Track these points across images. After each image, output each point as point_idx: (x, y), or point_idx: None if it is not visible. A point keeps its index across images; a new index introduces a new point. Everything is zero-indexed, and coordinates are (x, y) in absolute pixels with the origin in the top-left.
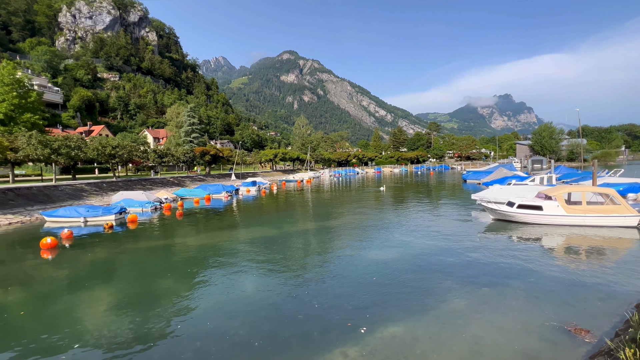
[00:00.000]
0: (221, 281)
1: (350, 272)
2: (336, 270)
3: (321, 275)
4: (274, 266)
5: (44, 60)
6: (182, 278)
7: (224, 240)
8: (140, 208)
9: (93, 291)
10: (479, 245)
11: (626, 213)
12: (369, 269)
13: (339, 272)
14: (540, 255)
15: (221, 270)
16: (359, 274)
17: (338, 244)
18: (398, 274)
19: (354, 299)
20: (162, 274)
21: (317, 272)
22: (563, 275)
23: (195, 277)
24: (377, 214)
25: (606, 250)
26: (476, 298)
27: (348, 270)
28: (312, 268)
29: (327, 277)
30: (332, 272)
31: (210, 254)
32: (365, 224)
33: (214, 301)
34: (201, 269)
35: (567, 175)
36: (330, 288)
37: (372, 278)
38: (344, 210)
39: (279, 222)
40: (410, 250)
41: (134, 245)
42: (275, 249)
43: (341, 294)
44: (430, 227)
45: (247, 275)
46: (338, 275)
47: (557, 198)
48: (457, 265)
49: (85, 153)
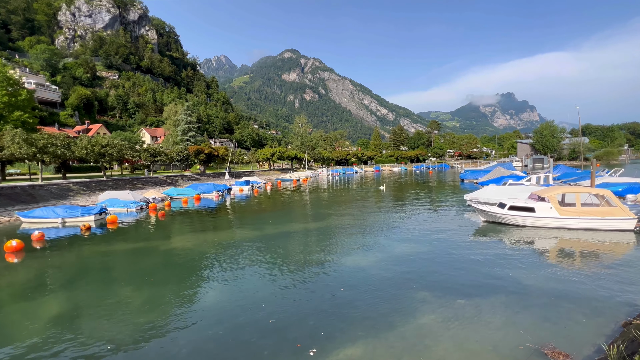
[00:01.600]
0: (177, 291)
1: (318, 282)
2: (302, 280)
3: (284, 285)
4: (238, 273)
5: (42, 58)
6: (142, 286)
7: (198, 243)
8: (125, 208)
9: (39, 301)
10: (465, 251)
11: (622, 216)
12: (340, 277)
13: (305, 282)
14: (528, 262)
15: (181, 278)
16: (328, 283)
17: (312, 249)
18: (371, 284)
19: (315, 314)
20: (123, 280)
21: (280, 281)
22: (549, 285)
23: (155, 286)
24: (364, 216)
25: (599, 256)
26: (450, 312)
27: (316, 279)
28: (276, 277)
29: (291, 288)
30: (298, 282)
31: (180, 259)
32: (349, 227)
33: (165, 315)
34: (165, 276)
35: (566, 174)
36: (291, 301)
37: (340, 289)
38: (332, 212)
39: (262, 223)
40: (390, 256)
41: (106, 247)
42: (246, 255)
43: (302, 308)
44: (418, 230)
45: (206, 286)
46: (303, 286)
47: (550, 199)
48: (437, 273)
49: (73, 152)
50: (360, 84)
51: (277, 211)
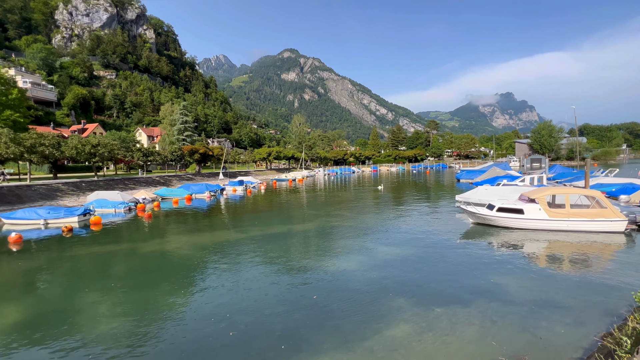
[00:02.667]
0: (141, 299)
1: (293, 289)
2: (276, 287)
3: (255, 293)
4: (209, 280)
5: (39, 58)
6: (108, 292)
7: (178, 246)
8: (113, 209)
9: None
10: (450, 255)
11: (613, 217)
12: (317, 284)
13: (279, 289)
14: (512, 267)
15: (150, 284)
16: (303, 290)
17: (292, 253)
18: (347, 290)
19: (284, 323)
20: (89, 286)
21: (252, 288)
22: (532, 292)
23: (120, 292)
24: (353, 217)
25: (586, 261)
26: (425, 322)
27: (291, 286)
28: (248, 283)
29: (262, 296)
30: (271, 289)
31: (154, 263)
32: (336, 229)
33: (119, 325)
34: (134, 281)
35: (562, 174)
36: (258, 309)
37: (312, 296)
38: (322, 213)
39: (248, 225)
40: (372, 260)
41: (85, 250)
42: (223, 259)
43: (268, 317)
44: (405, 233)
45: (172, 294)
46: (276, 294)
47: (539, 201)
48: (417, 279)
49: (62, 152)
50: (359, 84)
51: (265, 212)
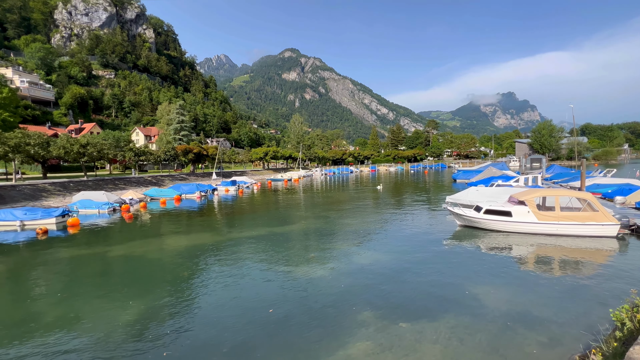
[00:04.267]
0: (88, 309)
1: (254, 300)
2: (234, 298)
3: (210, 303)
4: (169, 288)
5: (37, 57)
6: (54, 303)
7: (149, 250)
8: (97, 209)
9: None
10: (429, 261)
11: (604, 221)
12: (274, 295)
13: (237, 300)
14: (492, 275)
15: (105, 292)
16: (256, 301)
17: (264, 259)
18: (310, 301)
19: (233, 341)
20: (40, 294)
21: (208, 298)
22: (509, 305)
23: (66, 302)
24: (338, 219)
25: (574, 268)
26: (386, 339)
27: (252, 296)
28: (206, 292)
29: (217, 308)
30: (228, 301)
31: (120, 268)
32: (316, 231)
33: (66, 333)
34: (88, 289)
35: (560, 174)
36: (210, 326)
37: (268, 310)
38: (308, 214)
39: (229, 227)
40: (346, 267)
41: (54, 255)
42: (190, 265)
43: (219, 335)
44: (387, 236)
45: (124, 303)
46: (232, 306)
47: (528, 203)
48: (389, 289)
49: (49, 152)
50: (360, 84)
51: (251, 214)
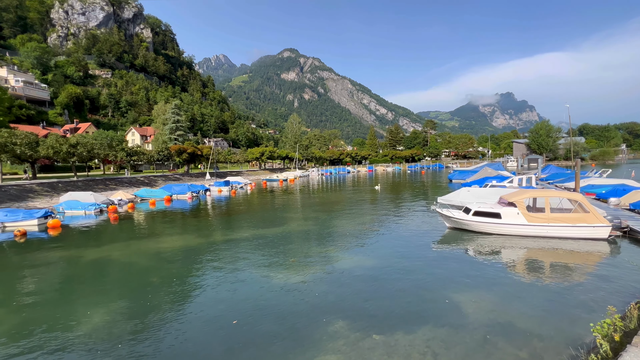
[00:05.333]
0: (47, 318)
1: (211, 309)
2: (194, 307)
3: (167, 312)
4: (133, 296)
5: (33, 56)
6: (10, 312)
7: (127, 253)
8: (83, 211)
9: None
10: (413, 267)
11: (595, 223)
12: (243, 303)
13: (194, 309)
14: (477, 281)
15: (68, 300)
16: (222, 311)
17: (242, 263)
18: (280, 311)
19: (183, 355)
20: (9, 301)
21: (173, 307)
22: (491, 314)
23: (24, 310)
24: (328, 221)
25: (561, 274)
26: (356, 353)
27: (209, 306)
28: (174, 300)
29: (171, 317)
30: (187, 309)
31: (91, 273)
32: (302, 233)
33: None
34: (54, 296)
35: (555, 175)
36: (155, 341)
37: (231, 321)
38: (298, 215)
39: (212, 229)
40: (323, 273)
41: (27, 258)
42: (163, 270)
43: (168, 348)
44: (373, 239)
45: (83, 311)
46: (188, 315)
47: (518, 204)
48: (365, 297)
49: (37, 151)
50: (359, 84)
51: (240, 215)
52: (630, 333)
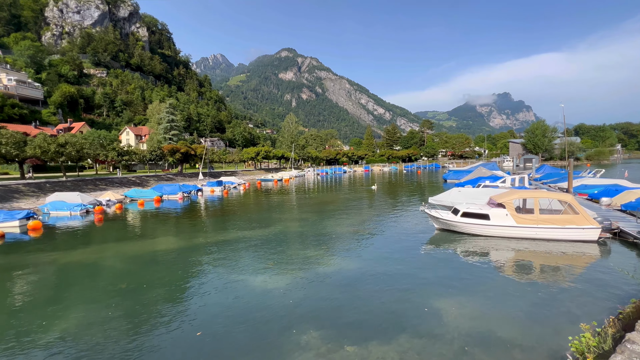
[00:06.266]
0: (17, 322)
1: (175, 318)
2: (159, 316)
3: (137, 321)
4: (94, 303)
5: (27, 55)
6: None
7: (105, 256)
8: (69, 211)
9: None
10: (395, 271)
11: (585, 224)
12: (208, 311)
13: (163, 316)
14: (460, 287)
15: (33, 306)
16: (188, 320)
17: (220, 267)
18: (247, 320)
19: None
20: None
21: (130, 314)
22: (472, 322)
23: (9, 314)
24: (316, 222)
25: (549, 278)
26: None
27: (174, 315)
28: (135, 309)
29: (139, 326)
30: (153, 318)
31: (68, 276)
32: (287, 235)
33: None
34: (30, 298)
35: (550, 175)
36: (123, 350)
37: (196, 332)
38: (288, 216)
39: (197, 231)
40: (302, 277)
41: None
42: (134, 274)
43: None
44: (360, 241)
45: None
46: (154, 323)
47: (507, 205)
48: (342, 304)
49: (24, 151)
50: (357, 84)
51: (229, 215)
52: (604, 355)
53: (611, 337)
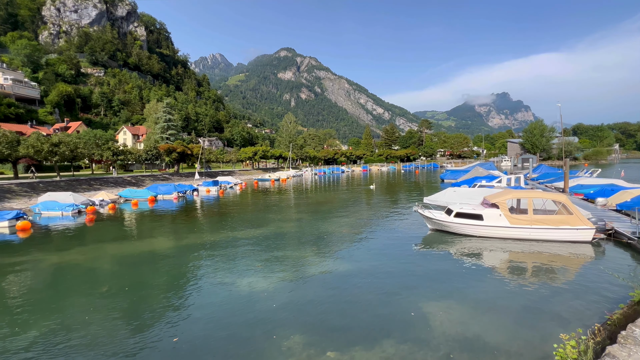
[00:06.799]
0: None
1: (153, 322)
2: (140, 318)
3: (115, 325)
4: (81, 301)
5: (23, 54)
6: None
7: (92, 257)
8: (60, 212)
9: None
10: (387, 272)
11: (579, 225)
12: (188, 315)
13: (142, 320)
14: (451, 290)
15: (19, 307)
16: (166, 325)
17: (202, 269)
18: (228, 325)
19: None
20: None
21: (121, 319)
22: (460, 327)
23: None
24: (308, 222)
25: (541, 281)
26: None
27: (154, 317)
28: (121, 314)
29: (116, 331)
30: (131, 323)
31: (47, 279)
32: (278, 236)
33: None
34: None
35: (547, 174)
36: (101, 355)
37: (172, 338)
38: (281, 217)
39: (187, 231)
40: (289, 280)
41: None
42: (116, 277)
43: None
44: (352, 242)
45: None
46: (131, 329)
47: (500, 205)
48: (328, 307)
49: (17, 151)
50: (356, 83)
51: (222, 216)
52: None
53: (592, 350)
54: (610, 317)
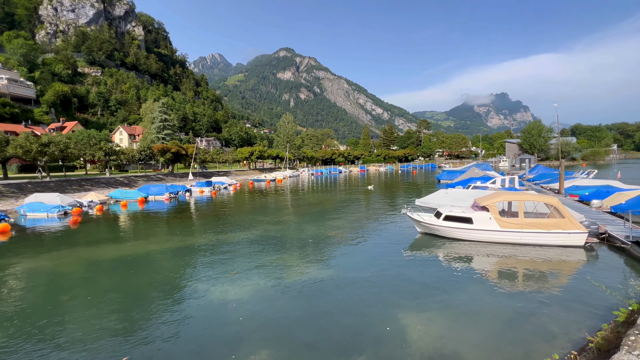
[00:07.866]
0: None
1: (103, 334)
2: (94, 330)
3: (57, 345)
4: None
5: (20, 53)
6: None
7: (68, 262)
8: (45, 213)
9: None
10: (369, 280)
11: (571, 229)
12: (147, 330)
13: (94, 332)
14: (433, 300)
15: None
16: (116, 340)
17: (176, 276)
18: (191, 341)
19: None
20: None
21: (79, 330)
22: (438, 342)
23: None
24: (297, 224)
25: (528, 290)
26: None
27: (104, 331)
28: (80, 325)
29: (62, 353)
30: (87, 336)
31: (17, 284)
32: (264, 239)
33: None
34: None
35: (543, 175)
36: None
37: (123, 357)
38: (270, 218)
39: (172, 234)
40: (263, 288)
41: None
42: (93, 282)
43: None
44: (339, 246)
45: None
46: (81, 348)
47: (491, 208)
48: (301, 321)
49: (5, 151)
50: (355, 83)
51: (210, 217)
52: None
53: None
54: (592, 340)
